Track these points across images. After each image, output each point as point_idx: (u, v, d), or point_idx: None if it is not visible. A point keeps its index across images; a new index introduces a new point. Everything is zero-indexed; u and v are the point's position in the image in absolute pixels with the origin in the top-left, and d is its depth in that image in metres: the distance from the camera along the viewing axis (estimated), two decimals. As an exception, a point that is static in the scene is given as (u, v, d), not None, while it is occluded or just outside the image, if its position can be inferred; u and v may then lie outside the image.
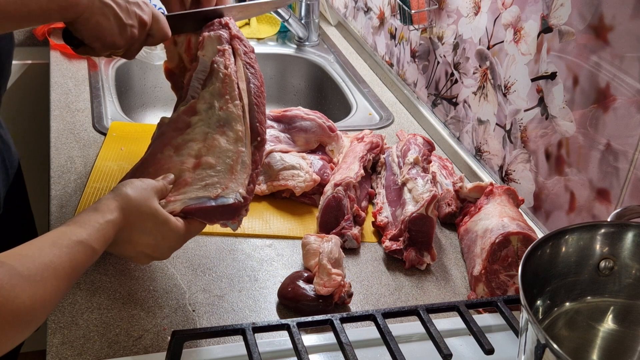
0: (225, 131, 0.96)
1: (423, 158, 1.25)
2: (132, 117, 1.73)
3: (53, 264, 0.70)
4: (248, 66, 1.04)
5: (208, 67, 1.01)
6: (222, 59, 1.01)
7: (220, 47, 1.02)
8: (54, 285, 0.69)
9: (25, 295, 0.65)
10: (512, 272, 1.06)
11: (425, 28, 1.59)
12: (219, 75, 1.00)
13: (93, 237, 0.76)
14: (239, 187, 0.92)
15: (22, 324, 0.66)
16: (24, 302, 0.65)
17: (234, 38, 1.05)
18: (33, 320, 0.67)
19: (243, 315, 0.99)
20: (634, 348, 0.86)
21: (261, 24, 2.06)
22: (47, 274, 0.69)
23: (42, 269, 0.69)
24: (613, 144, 1.04)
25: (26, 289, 0.66)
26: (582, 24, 1.08)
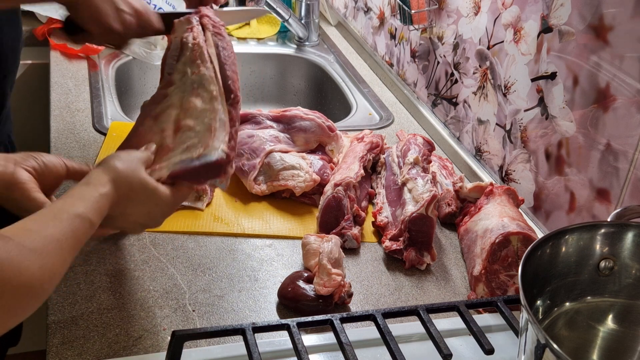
0: (200, 93, 0.99)
1: (423, 158, 1.25)
2: (132, 117, 1.72)
3: (56, 237, 0.72)
4: (216, 35, 1.07)
5: (178, 44, 1.04)
6: (190, 33, 1.04)
7: (188, 26, 1.06)
8: (60, 257, 0.72)
9: (35, 267, 0.67)
10: (512, 272, 1.06)
11: (425, 28, 1.59)
12: (189, 46, 1.03)
13: (90, 211, 0.78)
14: (220, 144, 0.94)
15: (33, 295, 0.68)
16: (34, 274, 0.67)
17: (203, 17, 1.07)
18: (43, 292, 0.70)
19: (243, 315, 0.99)
20: (634, 348, 0.86)
21: (261, 24, 2.06)
22: (52, 246, 0.71)
23: (47, 242, 0.71)
24: (613, 144, 1.04)
25: (35, 262, 0.68)
26: (582, 24, 1.08)
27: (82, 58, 1.70)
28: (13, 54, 1.24)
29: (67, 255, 0.73)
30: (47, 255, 0.70)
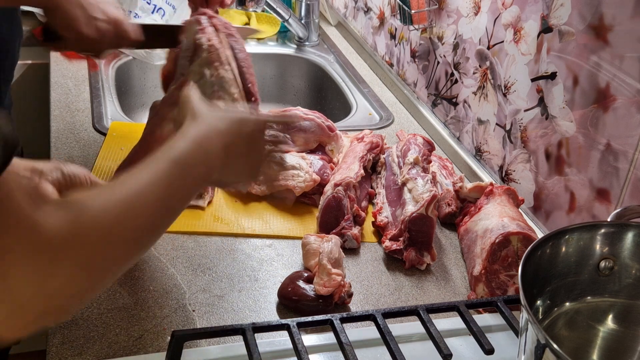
0: (221, 95, 0.98)
1: (423, 158, 1.25)
2: (132, 117, 1.73)
3: (153, 179, 0.69)
4: (229, 36, 1.07)
5: (192, 45, 1.04)
6: (204, 34, 1.04)
7: (199, 27, 1.05)
8: (154, 203, 0.69)
9: (156, 208, 0.67)
10: (512, 272, 1.06)
11: (425, 28, 1.59)
12: (203, 47, 1.03)
13: (183, 153, 0.73)
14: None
15: (158, 233, 0.71)
16: (157, 215, 0.68)
17: (212, 17, 1.08)
18: (162, 228, 0.71)
19: (243, 315, 0.99)
20: (634, 348, 0.86)
21: (261, 24, 2.06)
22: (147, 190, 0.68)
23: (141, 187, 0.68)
24: (613, 144, 1.04)
25: (150, 201, 0.67)
26: (582, 24, 1.08)
27: (82, 58, 1.70)
28: (11, 46, 1.24)
29: (167, 201, 0.69)
30: (140, 203, 0.67)
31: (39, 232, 0.56)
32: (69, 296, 0.59)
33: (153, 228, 0.69)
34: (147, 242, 0.71)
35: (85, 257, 0.59)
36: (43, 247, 0.56)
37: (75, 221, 0.59)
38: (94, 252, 0.60)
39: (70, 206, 0.61)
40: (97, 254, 0.61)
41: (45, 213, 0.57)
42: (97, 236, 0.61)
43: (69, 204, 0.61)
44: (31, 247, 0.55)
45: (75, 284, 0.59)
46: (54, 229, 0.57)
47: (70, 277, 0.59)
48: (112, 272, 0.65)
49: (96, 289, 0.64)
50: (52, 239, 0.57)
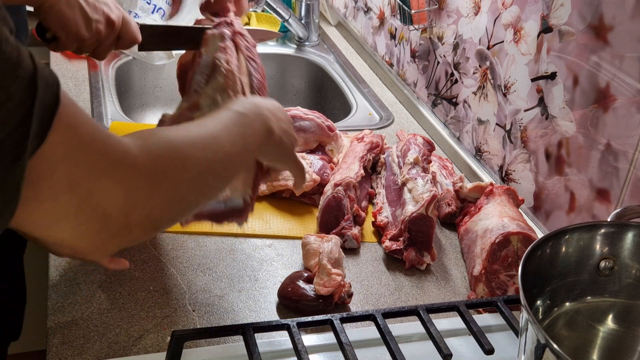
0: None
1: (423, 158, 1.25)
2: (132, 117, 1.73)
3: (224, 121, 0.76)
4: (250, 60, 1.06)
5: (210, 63, 1.03)
6: (224, 55, 1.02)
7: (222, 44, 1.04)
8: (239, 134, 0.76)
9: (225, 140, 0.73)
10: (512, 272, 1.06)
11: (425, 28, 1.59)
12: (221, 70, 1.01)
13: (240, 108, 0.80)
14: (246, 187, 0.92)
15: (230, 166, 0.75)
16: (226, 146, 0.73)
17: (236, 34, 1.06)
18: (236, 163, 0.77)
19: (243, 315, 0.99)
20: (634, 348, 0.86)
21: (261, 24, 2.06)
22: (222, 126, 0.75)
23: (219, 124, 0.75)
24: (613, 144, 1.04)
25: (223, 136, 0.73)
26: (582, 24, 1.08)
27: (82, 58, 1.70)
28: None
29: (233, 135, 0.75)
30: (225, 135, 0.73)
31: (115, 147, 0.60)
32: (149, 211, 0.63)
33: (221, 166, 0.74)
34: (216, 181, 0.75)
35: (158, 173, 0.64)
36: (121, 161, 0.60)
37: (146, 141, 0.64)
38: (165, 171, 0.64)
39: (139, 133, 0.65)
40: (168, 173, 0.65)
41: (117, 137, 0.62)
42: (168, 156, 0.65)
43: (138, 132, 0.66)
44: (111, 161, 0.59)
45: (152, 199, 0.63)
46: (130, 146, 0.61)
47: (147, 191, 0.63)
48: (184, 199, 0.68)
49: (169, 213, 0.67)
50: (128, 153, 0.61)
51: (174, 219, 0.71)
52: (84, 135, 0.57)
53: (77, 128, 0.56)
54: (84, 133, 0.57)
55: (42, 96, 0.52)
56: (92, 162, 0.57)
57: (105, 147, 0.59)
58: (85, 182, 0.57)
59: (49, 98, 0.53)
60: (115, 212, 0.60)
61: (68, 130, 0.55)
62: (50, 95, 0.53)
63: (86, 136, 0.57)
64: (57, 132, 0.54)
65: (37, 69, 0.51)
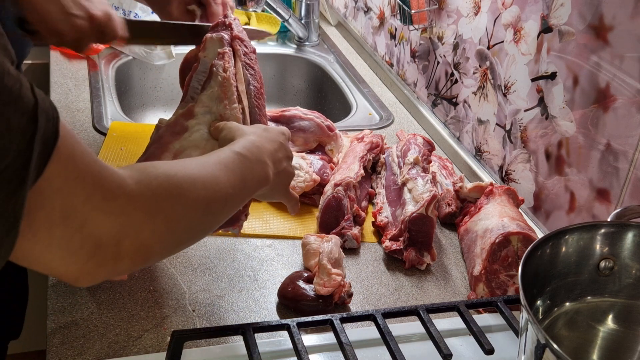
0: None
1: (423, 158, 1.25)
2: (132, 117, 1.73)
3: (224, 162, 0.78)
4: (248, 67, 1.05)
5: (208, 69, 1.02)
6: (222, 62, 1.02)
7: (220, 50, 1.03)
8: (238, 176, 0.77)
9: (224, 182, 0.74)
10: (512, 272, 1.06)
11: (425, 28, 1.59)
12: (218, 78, 1.01)
13: (239, 148, 0.82)
14: None
15: (227, 206, 0.76)
16: (225, 188, 0.74)
17: (234, 39, 1.06)
18: (233, 204, 0.78)
19: (243, 315, 0.99)
20: (634, 348, 0.86)
21: (261, 24, 2.06)
22: (218, 166, 0.76)
23: (213, 162, 0.76)
24: (613, 144, 1.04)
25: (223, 178, 0.74)
26: (582, 24, 1.08)
27: (82, 58, 1.70)
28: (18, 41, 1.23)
29: (233, 178, 0.76)
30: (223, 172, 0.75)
31: (110, 179, 0.61)
32: (140, 242, 0.64)
33: (218, 206, 0.75)
34: (212, 219, 0.76)
35: (153, 206, 0.64)
36: (116, 193, 0.61)
37: (143, 174, 0.65)
38: (160, 205, 0.65)
39: (136, 166, 0.67)
40: (164, 207, 0.66)
41: (113, 169, 0.63)
42: (164, 190, 0.66)
43: (135, 165, 0.67)
44: (106, 192, 0.60)
45: (145, 231, 0.64)
46: (125, 177, 0.62)
47: (140, 224, 0.63)
48: (177, 233, 0.69)
49: (161, 246, 0.67)
50: (123, 185, 0.61)
51: (166, 252, 0.71)
52: (81, 166, 0.58)
53: (74, 160, 0.57)
54: (80, 164, 0.58)
55: (43, 129, 0.52)
56: (88, 193, 0.58)
57: (101, 179, 0.59)
58: (80, 213, 0.58)
59: (49, 131, 0.53)
60: (106, 242, 0.60)
61: (66, 162, 0.56)
62: (50, 128, 0.53)
63: (83, 167, 0.58)
64: (55, 164, 0.54)
65: (37, 102, 0.52)
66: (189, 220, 0.70)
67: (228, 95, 0.99)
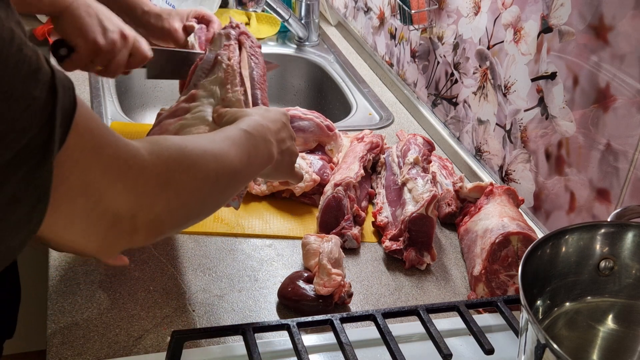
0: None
1: (423, 158, 1.25)
2: (132, 117, 1.73)
3: (231, 137, 0.79)
4: (252, 57, 1.08)
5: (212, 60, 1.05)
6: (227, 52, 1.05)
7: (226, 43, 1.06)
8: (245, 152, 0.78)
9: (233, 157, 0.75)
10: (512, 272, 1.06)
11: (425, 28, 1.59)
12: (222, 66, 1.03)
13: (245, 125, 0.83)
14: None
15: (235, 181, 0.77)
16: (233, 162, 0.75)
17: (242, 34, 1.09)
18: (240, 180, 0.79)
19: (243, 315, 0.99)
20: (634, 348, 0.86)
21: (261, 24, 2.06)
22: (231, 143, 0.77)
23: (227, 140, 0.78)
24: (613, 144, 1.04)
25: (231, 152, 0.75)
26: (582, 24, 1.08)
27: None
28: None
29: (241, 153, 0.77)
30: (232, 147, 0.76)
31: (125, 150, 0.61)
32: (154, 215, 0.64)
33: (227, 180, 0.75)
34: (220, 194, 0.77)
35: (165, 177, 0.65)
36: (130, 163, 0.61)
37: (155, 145, 0.65)
38: (173, 176, 0.66)
39: (149, 138, 0.67)
40: (176, 178, 0.66)
41: (127, 140, 0.62)
42: (177, 162, 0.67)
43: (148, 137, 0.68)
44: (122, 164, 0.60)
45: (158, 204, 0.65)
46: (139, 148, 0.63)
47: (153, 196, 0.64)
48: (189, 206, 0.70)
49: (174, 218, 0.68)
50: (137, 155, 0.62)
51: (178, 225, 0.72)
52: (98, 138, 0.58)
53: (92, 131, 0.57)
54: (97, 136, 0.58)
55: (62, 99, 0.52)
56: (105, 165, 0.58)
57: (117, 150, 0.60)
58: (99, 185, 0.58)
59: (67, 101, 0.53)
60: (123, 214, 0.61)
61: (84, 133, 0.56)
62: (69, 98, 0.54)
63: (100, 139, 0.58)
64: (74, 135, 0.54)
65: (54, 73, 0.52)
66: (200, 192, 0.71)
67: (231, 80, 1.01)
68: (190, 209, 0.70)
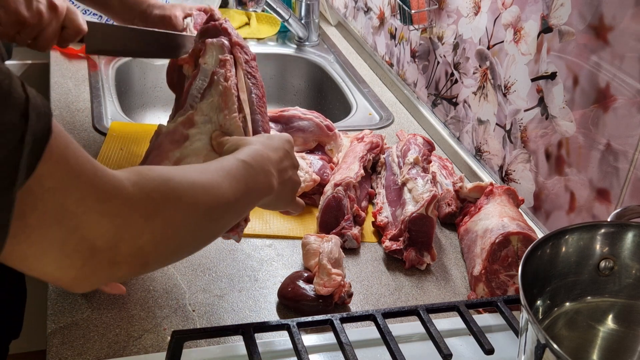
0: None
1: (423, 158, 1.25)
2: (132, 117, 1.73)
3: (226, 168, 0.76)
4: (249, 76, 1.03)
5: (208, 77, 1.00)
6: (223, 71, 1.00)
7: (222, 57, 1.01)
8: (241, 184, 0.76)
9: (226, 189, 0.73)
10: (512, 272, 1.06)
11: (425, 28, 1.59)
12: (219, 88, 0.99)
13: (244, 156, 0.81)
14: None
15: (228, 214, 0.75)
16: (227, 194, 0.73)
17: (234, 45, 1.04)
18: (234, 212, 0.76)
19: (243, 315, 0.99)
20: (634, 348, 0.86)
21: (261, 23, 2.06)
22: (221, 173, 0.75)
23: (215, 169, 0.75)
24: (613, 144, 1.04)
25: (225, 184, 0.73)
26: (582, 24, 1.08)
27: (82, 58, 1.70)
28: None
29: (236, 185, 0.75)
30: (226, 179, 0.74)
31: (105, 180, 0.59)
32: (138, 247, 0.62)
33: (220, 213, 0.73)
34: (214, 226, 0.74)
35: (151, 209, 0.63)
36: (112, 194, 0.59)
37: (139, 176, 0.63)
38: (158, 208, 0.63)
39: (134, 168, 0.65)
40: (162, 210, 0.64)
41: (109, 170, 0.61)
42: (162, 193, 0.64)
43: (132, 168, 0.65)
44: (101, 193, 0.58)
45: (142, 236, 0.62)
46: (122, 179, 0.61)
47: (137, 227, 0.61)
48: (177, 239, 0.67)
49: (160, 251, 0.65)
50: (120, 187, 0.60)
51: (166, 258, 0.69)
52: (74, 166, 0.56)
53: (67, 159, 0.55)
54: (74, 164, 0.56)
55: (34, 127, 0.50)
56: (81, 194, 0.56)
57: (95, 179, 0.58)
58: (73, 215, 0.56)
59: (40, 129, 0.51)
60: (102, 246, 0.58)
61: (58, 161, 0.54)
62: (42, 126, 0.52)
63: (76, 167, 0.56)
64: (47, 163, 0.53)
65: (29, 98, 0.50)
66: (189, 225, 0.68)
67: (229, 105, 0.97)
68: (177, 241, 0.67)
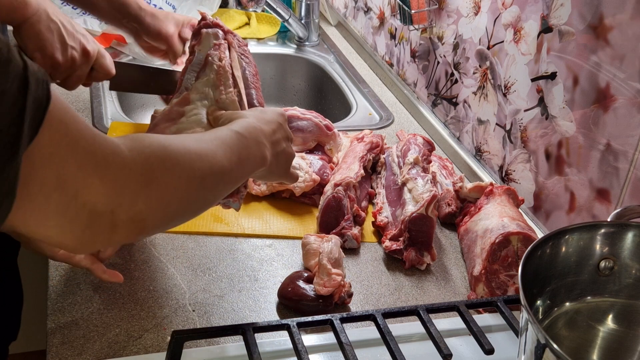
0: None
1: (423, 158, 1.25)
2: (132, 117, 1.73)
3: (221, 138, 0.78)
4: (242, 56, 1.07)
5: (203, 60, 1.04)
6: (217, 52, 1.04)
7: (216, 42, 1.05)
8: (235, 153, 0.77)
9: (221, 157, 0.74)
10: (512, 272, 1.06)
11: (425, 28, 1.59)
12: (213, 67, 1.02)
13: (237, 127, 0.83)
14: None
15: (222, 183, 0.76)
16: (221, 163, 0.74)
17: (228, 33, 1.08)
18: (228, 181, 0.78)
19: (243, 315, 0.99)
20: (634, 348, 0.86)
21: (261, 24, 2.06)
22: (217, 142, 0.76)
23: (216, 140, 0.77)
24: (613, 144, 1.04)
25: (219, 153, 0.74)
26: (582, 24, 1.08)
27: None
28: None
29: (230, 154, 0.76)
30: (222, 148, 0.75)
31: (103, 146, 0.60)
32: (135, 212, 0.63)
33: (214, 180, 0.74)
34: (208, 194, 0.75)
35: (147, 175, 0.64)
36: (109, 159, 0.60)
37: (136, 142, 0.64)
38: (155, 174, 0.65)
39: (131, 135, 0.66)
40: (159, 176, 0.65)
41: (107, 136, 0.62)
42: (159, 158, 0.66)
43: (130, 134, 0.67)
44: (99, 159, 0.59)
45: (139, 201, 0.63)
46: (119, 144, 0.62)
47: (134, 192, 0.63)
48: (173, 205, 0.68)
49: (156, 217, 0.67)
50: (117, 152, 0.61)
51: (162, 224, 0.70)
52: (73, 132, 0.57)
53: (66, 125, 0.56)
54: (73, 130, 0.57)
55: (34, 92, 0.51)
56: (81, 160, 0.58)
57: (94, 145, 0.59)
58: (74, 180, 0.57)
59: (40, 94, 0.52)
60: (101, 210, 0.60)
61: (58, 127, 0.55)
62: (42, 91, 0.53)
63: (75, 133, 0.57)
64: (47, 129, 0.53)
65: (27, 65, 0.51)
66: (184, 191, 0.69)
67: (223, 81, 1.01)
68: (174, 207, 0.69)
